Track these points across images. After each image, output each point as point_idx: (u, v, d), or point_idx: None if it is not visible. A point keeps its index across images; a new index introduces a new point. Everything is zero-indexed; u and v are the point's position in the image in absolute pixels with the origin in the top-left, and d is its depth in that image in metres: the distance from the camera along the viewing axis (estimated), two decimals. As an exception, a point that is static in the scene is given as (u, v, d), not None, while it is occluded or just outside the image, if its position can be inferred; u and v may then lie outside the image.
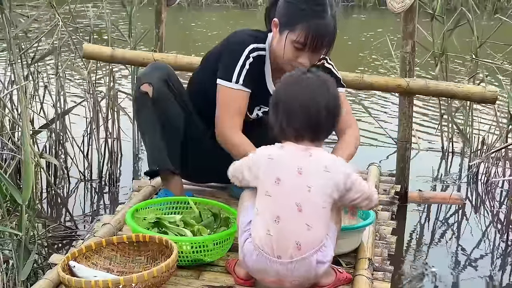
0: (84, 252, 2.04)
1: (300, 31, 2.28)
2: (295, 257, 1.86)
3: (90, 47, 3.51)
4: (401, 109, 3.33)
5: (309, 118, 1.91)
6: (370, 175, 3.12)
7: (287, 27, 2.31)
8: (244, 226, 1.95)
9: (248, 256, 1.91)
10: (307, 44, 2.29)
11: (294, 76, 1.99)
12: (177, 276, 2.07)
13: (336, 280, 2.02)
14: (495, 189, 3.90)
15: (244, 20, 11.13)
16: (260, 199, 1.91)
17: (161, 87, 2.48)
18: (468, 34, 4.15)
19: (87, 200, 3.63)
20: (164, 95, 2.49)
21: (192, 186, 2.84)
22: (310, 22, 2.27)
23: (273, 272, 1.88)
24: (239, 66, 2.41)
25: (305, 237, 1.86)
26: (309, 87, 1.94)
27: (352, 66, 6.88)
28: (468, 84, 3.83)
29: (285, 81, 2.00)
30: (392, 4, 3.07)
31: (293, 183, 1.88)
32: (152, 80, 2.49)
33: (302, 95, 1.92)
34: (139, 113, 2.56)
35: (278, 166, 1.90)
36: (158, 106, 2.48)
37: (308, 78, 1.96)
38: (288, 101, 1.94)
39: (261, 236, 1.87)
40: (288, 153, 1.92)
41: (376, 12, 12.36)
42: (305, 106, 1.91)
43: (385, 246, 2.42)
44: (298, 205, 1.86)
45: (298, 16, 2.29)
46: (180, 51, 5.52)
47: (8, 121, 3.55)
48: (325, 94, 1.93)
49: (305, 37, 2.28)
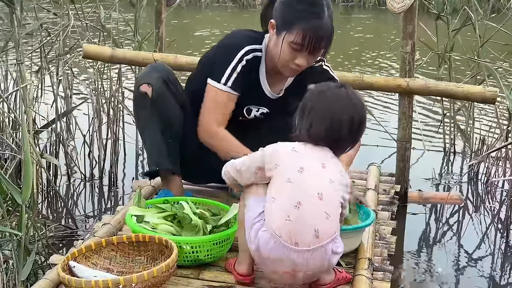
0: (84, 252, 2.04)
1: (297, 32, 2.28)
2: (313, 245, 1.85)
3: (91, 47, 3.51)
4: (401, 109, 3.33)
5: (333, 131, 1.93)
6: (370, 175, 3.12)
7: (284, 28, 2.32)
8: (253, 219, 1.93)
9: (263, 246, 1.88)
10: (304, 45, 2.29)
11: (330, 86, 2.01)
12: (177, 276, 2.07)
13: (336, 280, 2.02)
14: (495, 189, 3.90)
15: (244, 20, 11.12)
16: (278, 186, 1.90)
17: (160, 88, 2.48)
18: (470, 34, 4.15)
19: (87, 200, 3.63)
20: (163, 96, 2.49)
21: (192, 186, 2.84)
22: (307, 23, 2.27)
23: (289, 261, 1.86)
24: (230, 69, 2.43)
25: (323, 225, 1.86)
26: (338, 101, 1.95)
27: (352, 66, 6.89)
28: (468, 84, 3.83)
29: (320, 89, 2.00)
30: (392, 4, 3.06)
31: (317, 173, 1.90)
32: (151, 81, 2.48)
33: (328, 108, 1.94)
34: (138, 113, 2.56)
35: (302, 157, 1.92)
36: (157, 107, 2.48)
37: (343, 91, 1.98)
38: (318, 109, 1.95)
39: (279, 223, 1.86)
40: (311, 150, 1.95)
41: (375, 12, 12.35)
42: (334, 119, 1.93)
43: (385, 246, 2.42)
44: (319, 194, 1.87)
45: (295, 17, 2.30)
46: (180, 51, 5.52)
47: (10, 121, 3.56)
48: (355, 111, 1.95)
49: (303, 38, 2.28)
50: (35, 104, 3.75)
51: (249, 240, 1.94)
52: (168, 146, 2.53)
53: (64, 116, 3.78)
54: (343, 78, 3.23)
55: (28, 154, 2.26)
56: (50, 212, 3.47)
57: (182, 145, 2.59)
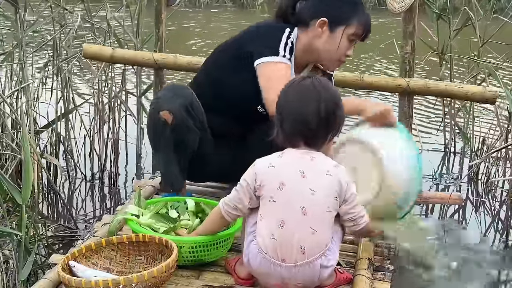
0: (84, 252, 2.04)
1: (357, 24, 2.42)
2: (299, 261, 1.86)
3: (91, 47, 3.52)
4: (401, 109, 3.33)
5: (303, 123, 1.90)
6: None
7: (341, 23, 2.43)
8: (251, 227, 1.95)
9: (252, 259, 1.91)
10: (362, 35, 2.45)
11: (294, 80, 2.00)
12: (177, 276, 2.07)
13: (336, 280, 2.03)
14: (495, 189, 3.90)
15: (244, 20, 11.12)
16: (264, 205, 1.90)
17: (181, 116, 2.40)
18: (470, 34, 4.15)
19: (87, 200, 3.63)
20: (184, 124, 2.43)
21: (192, 186, 2.83)
22: (363, 15, 2.45)
23: (277, 275, 1.89)
24: (284, 43, 2.41)
25: (309, 241, 1.86)
26: (301, 93, 1.93)
27: (353, 66, 6.89)
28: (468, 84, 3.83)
29: (287, 86, 1.99)
30: (392, 4, 3.07)
31: (297, 187, 1.87)
32: (173, 109, 2.41)
33: (293, 102, 1.92)
34: (155, 136, 2.50)
35: (280, 172, 1.90)
36: (176, 134, 2.43)
37: (306, 82, 1.95)
38: (285, 105, 1.94)
39: (266, 241, 1.88)
40: (288, 159, 1.91)
41: (375, 12, 12.34)
42: (300, 111, 1.90)
43: (385, 246, 2.42)
44: (302, 209, 1.86)
45: (351, 11, 2.44)
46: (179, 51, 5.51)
47: (10, 121, 3.56)
48: (321, 98, 1.90)
49: (363, 29, 2.44)
50: (36, 104, 3.75)
51: (244, 248, 1.96)
52: (180, 164, 2.52)
53: (65, 116, 3.78)
54: (343, 78, 3.24)
55: (28, 154, 2.26)
56: (50, 212, 3.47)
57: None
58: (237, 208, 1.95)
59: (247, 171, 1.95)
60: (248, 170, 1.95)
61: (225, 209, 1.97)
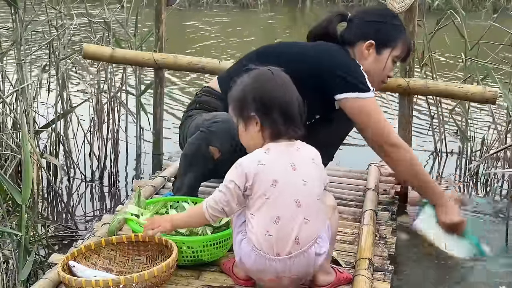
0: (83, 252, 2.04)
1: (402, 46, 2.59)
2: (294, 251, 1.87)
3: (91, 47, 3.52)
4: (401, 109, 3.33)
5: (287, 116, 1.90)
6: (370, 175, 3.12)
7: (389, 46, 2.56)
8: (238, 227, 1.95)
9: (245, 257, 1.91)
10: (405, 56, 2.61)
11: (248, 75, 1.97)
12: (177, 276, 2.07)
13: (336, 280, 2.03)
14: (495, 189, 3.90)
15: (244, 20, 11.13)
16: (256, 203, 1.89)
17: (229, 155, 2.34)
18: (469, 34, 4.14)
19: (87, 200, 3.63)
20: (229, 161, 2.30)
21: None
22: (406, 36, 2.61)
23: (272, 270, 1.89)
24: (366, 77, 2.51)
25: (303, 231, 1.87)
26: (272, 81, 1.93)
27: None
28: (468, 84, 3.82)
29: (249, 80, 1.97)
30: (392, 4, 3.07)
31: (290, 181, 1.88)
32: (224, 148, 2.40)
33: (276, 95, 1.91)
34: (192, 165, 2.49)
35: (272, 168, 1.89)
36: (216, 168, 2.41)
37: (265, 71, 1.96)
38: (264, 103, 1.92)
39: (259, 238, 1.88)
40: (276, 154, 1.91)
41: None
42: (279, 105, 1.91)
43: (385, 246, 2.43)
44: (297, 202, 1.88)
45: (396, 33, 2.58)
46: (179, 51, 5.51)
47: (11, 121, 3.56)
48: (289, 89, 1.93)
49: (407, 51, 2.58)
50: (36, 103, 3.75)
51: (235, 247, 1.96)
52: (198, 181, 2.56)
53: (65, 116, 3.78)
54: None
55: (27, 154, 2.26)
56: (50, 212, 3.46)
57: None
58: (223, 211, 1.93)
59: (232, 172, 1.91)
60: (232, 170, 1.92)
61: (210, 212, 1.94)
